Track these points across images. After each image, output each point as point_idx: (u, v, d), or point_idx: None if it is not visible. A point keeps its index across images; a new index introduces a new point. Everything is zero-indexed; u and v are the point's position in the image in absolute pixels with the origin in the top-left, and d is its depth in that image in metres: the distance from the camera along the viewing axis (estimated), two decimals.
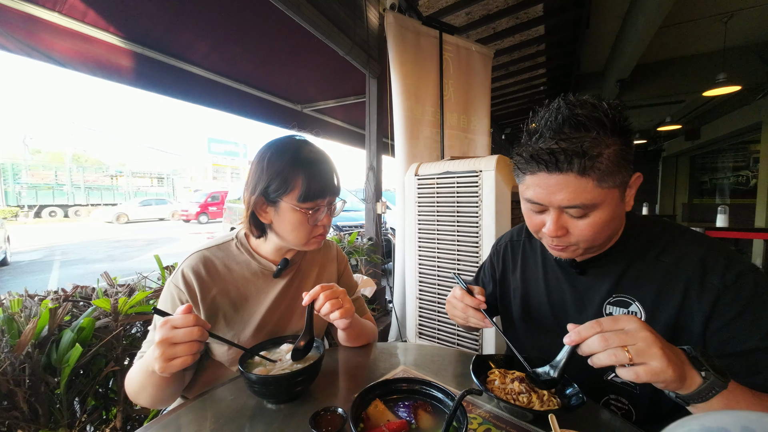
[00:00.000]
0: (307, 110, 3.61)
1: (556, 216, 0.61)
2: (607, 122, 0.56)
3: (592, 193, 0.57)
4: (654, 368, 0.47)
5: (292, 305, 0.88)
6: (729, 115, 6.33)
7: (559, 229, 0.61)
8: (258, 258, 0.85)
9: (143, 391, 0.68)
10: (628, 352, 0.48)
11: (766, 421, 0.30)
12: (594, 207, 0.58)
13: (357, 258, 2.47)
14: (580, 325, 0.53)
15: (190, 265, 0.78)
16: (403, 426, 0.53)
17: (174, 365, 0.58)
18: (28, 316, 1.04)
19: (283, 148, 0.77)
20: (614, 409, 0.70)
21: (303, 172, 0.75)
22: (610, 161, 0.56)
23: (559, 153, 0.56)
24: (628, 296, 0.67)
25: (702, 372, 0.48)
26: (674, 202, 10.05)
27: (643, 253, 0.67)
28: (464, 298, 0.75)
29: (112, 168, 26.00)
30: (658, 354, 0.47)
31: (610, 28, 4.16)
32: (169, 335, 0.58)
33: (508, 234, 0.95)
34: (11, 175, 18.55)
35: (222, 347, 0.79)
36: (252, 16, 2.08)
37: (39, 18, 1.53)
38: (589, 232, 0.60)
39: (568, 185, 0.57)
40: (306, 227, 0.78)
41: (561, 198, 0.58)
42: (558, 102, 0.60)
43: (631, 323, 0.50)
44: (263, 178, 0.75)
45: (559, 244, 0.64)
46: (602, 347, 0.49)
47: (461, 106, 2.61)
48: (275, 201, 0.76)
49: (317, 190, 0.76)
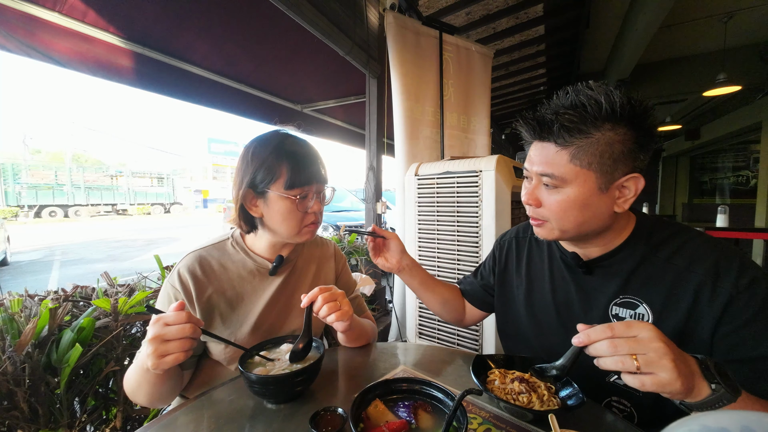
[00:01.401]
0: (307, 110, 3.61)
1: (534, 184, 0.66)
2: (605, 104, 0.56)
3: (565, 167, 0.60)
4: (662, 380, 0.46)
5: (289, 303, 0.88)
6: (729, 115, 6.32)
7: (532, 197, 0.66)
8: (253, 256, 0.85)
9: (140, 389, 0.69)
10: (637, 360, 0.46)
11: (766, 421, 0.30)
12: (564, 182, 0.61)
13: (357, 258, 2.47)
14: (591, 328, 0.51)
15: (185, 264, 0.79)
16: (403, 426, 0.53)
17: (166, 362, 0.58)
18: (28, 316, 1.04)
19: (266, 141, 0.78)
20: (616, 411, 0.69)
21: (287, 160, 0.76)
22: (593, 142, 0.58)
23: (542, 120, 0.61)
24: (636, 298, 0.66)
25: (712, 385, 0.47)
26: (674, 202, 10.04)
27: (653, 254, 0.66)
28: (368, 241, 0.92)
29: (112, 168, 25.98)
30: (668, 366, 0.45)
31: (610, 28, 4.16)
32: (161, 332, 0.58)
33: (513, 230, 0.95)
34: (11, 175, 18.54)
35: (219, 346, 0.79)
36: (252, 17, 2.08)
37: (39, 18, 1.53)
38: (556, 207, 0.63)
39: (546, 153, 0.62)
40: (296, 215, 0.78)
41: (537, 164, 0.63)
42: (578, 86, 0.62)
43: (644, 331, 0.48)
44: (249, 170, 0.76)
45: (534, 216, 0.68)
46: (610, 353, 0.48)
47: (461, 106, 2.61)
48: (263, 192, 0.77)
49: (303, 175, 0.76)
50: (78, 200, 20.75)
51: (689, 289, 0.61)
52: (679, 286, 0.62)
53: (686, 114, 6.99)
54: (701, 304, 0.60)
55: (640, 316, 0.65)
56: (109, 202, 22.57)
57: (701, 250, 0.63)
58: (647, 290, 0.65)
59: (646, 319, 0.64)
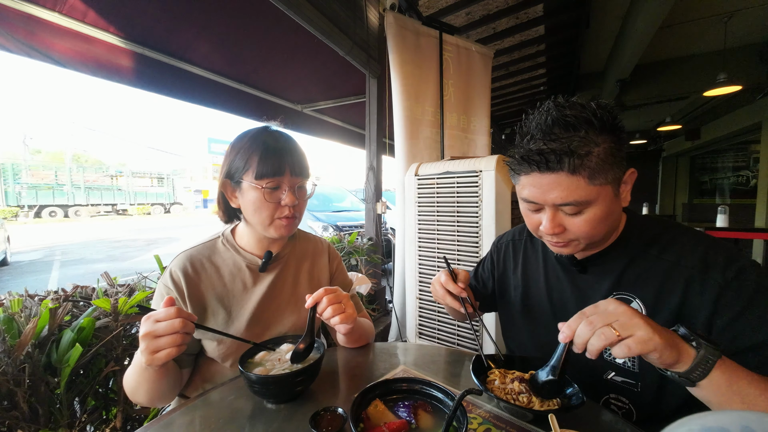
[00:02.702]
0: (307, 110, 3.61)
1: (551, 214, 0.63)
2: (595, 121, 0.57)
3: (584, 190, 0.58)
4: (641, 336, 0.48)
5: (281, 300, 0.88)
6: (729, 115, 6.32)
7: (556, 226, 0.63)
8: (243, 253, 0.86)
9: (140, 388, 0.70)
10: (615, 329, 0.50)
11: (766, 421, 0.30)
12: (588, 204, 0.60)
13: (357, 258, 2.47)
14: (568, 321, 0.55)
15: (177, 264, 0.81)
16: (403, 426, 0.53)
17: (159, 358, 0.59)
18: (29, 316, 1.04)
19: (245, 134, 0.81)
20: (615, 409, 0.69)
21: (258, 150, 0.77)
22: (600, 159, 0.57)
23: (549, 153, 0.58)
24: (629, 294, 0.67)
25: (693, 343, 0.50)
26: (674, 202, 10.04)
27: (644, 251, 0.68)
28: (448, 284, 0.77)
29: (112, 168, 25.95)
30: (641, 323, 0.49)
31: (610, 28, 4.16)
32: (152, 329, 0.59)
33: (510, 233, 0.96)
34: (11, 175, 18.54)
35: (212, 343, 0.80)
36: (252, 16, 2.08)
37: (39, 18, 1.53)
38: (585, 228, 0.62)
39: (560, 184, 0.59)
40: (267, 206, 0.78)
41: (554, 196, 0.60)
42: (548, 104, 0.62)
43: (610, 305, 0.53)
44: (227, 161, 0.79)
45: (559, 241, 0.66)
46: (590, 331, 0.51)
47: (461, 106, 2.61)
48: (239, 182, 0.78)
49: (272, 166, 0.76)
50: (78, 200, 20.75)
51: (680, 282, 0.62)
52: (670, 281, 0.64)
53: (686, 114, 6.99)
54: (692, 296, 0.61)
55: None
56: (109, 202, 22.57)
57: (690, 244, 0.65)
58: (640, 286, 0.66)
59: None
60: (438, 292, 0.81)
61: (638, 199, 8.25)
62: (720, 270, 0.60)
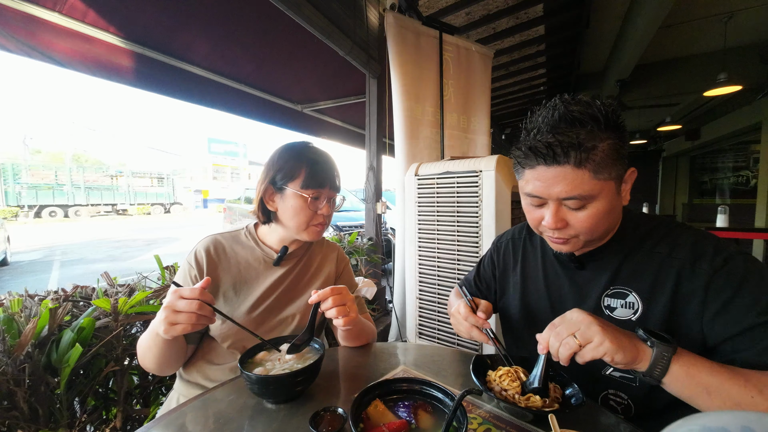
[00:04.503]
0: (307, 110, 3.61)
1: (555, 208, 0.64)
2: (600, 117, 0.59)
3: (588, 184, 0.59)
4: (597, 343, 0.53)
5: (287, 293, 0.93)
6: (729, 115, 6.32)
7: (559, 221, 0.64)
8: (262, 246, 0.94)
9: (149, 352, 0.76)
10: (576, 338, 0.54)
11: (766, 421, 0.30)
12: (591, 198, 0.61)
13: (357, 258, 2.47)
14: (542, 332, 0.60)
15: (203, 244, 0.90)
16: (403, 426, 0.53)
17: (175, 329, 0.66)
18: (28, 316, 1.04)
19: (292, 146, 0.90)
20: (613, 404, 0.70)
21: (307, 164, 0.87)
22: (605, 154, 0.59)
23: (555, 146, 0.59)
24: (625, 288, 0.69)
25: (648, 343, 0.55)
26: (674, 202, 10.05)
27: (639, 245, 0.69)
28: (468, 318, 0.76)
29: (112, 168, 25.94)
30: (596, 330, 0.54)
31: (610, 28, 4.16)
32: (173, 303, 0.65)
33: (509, 232, 0.96)
34: (11, 175, 18.52)
35: (216, 322, 0.83)
36: (252, 16, 2.08)
37: (39, 18, 1.53)
38: (588, 223, 0.63)
39: (566, 177, 0.60)
40: (306, 213, 0.87)
41: (559, 190, 0.61)
42: (555, 100, 0.64)
43: (574, 314, 0.58)
44: (272, 169, 0.88)
45: (560, 236, 0.67)
46: (557, 341, 0.56)
47: (461, 106, 2.61)
48: (282, 188, 0.87)
49: (319, 179, 0.87)
50: (78, 200, 20.73)
51: (672, 273, 0.64)
52: (663, 272, 0.65)
53: (686, 114, 6.99)
54: (683, 285, 0.63)
55: (630, 304, 0.68)
56: (109, 202, 22.55)
57: (681, 237, 0.67)
58: (635, 279, 0.68)
59: (635, 306, 0.67)
60: (461, 326, 0.77)
61: (638, 199, 8.26)
62: (708, 260, 0.62)
